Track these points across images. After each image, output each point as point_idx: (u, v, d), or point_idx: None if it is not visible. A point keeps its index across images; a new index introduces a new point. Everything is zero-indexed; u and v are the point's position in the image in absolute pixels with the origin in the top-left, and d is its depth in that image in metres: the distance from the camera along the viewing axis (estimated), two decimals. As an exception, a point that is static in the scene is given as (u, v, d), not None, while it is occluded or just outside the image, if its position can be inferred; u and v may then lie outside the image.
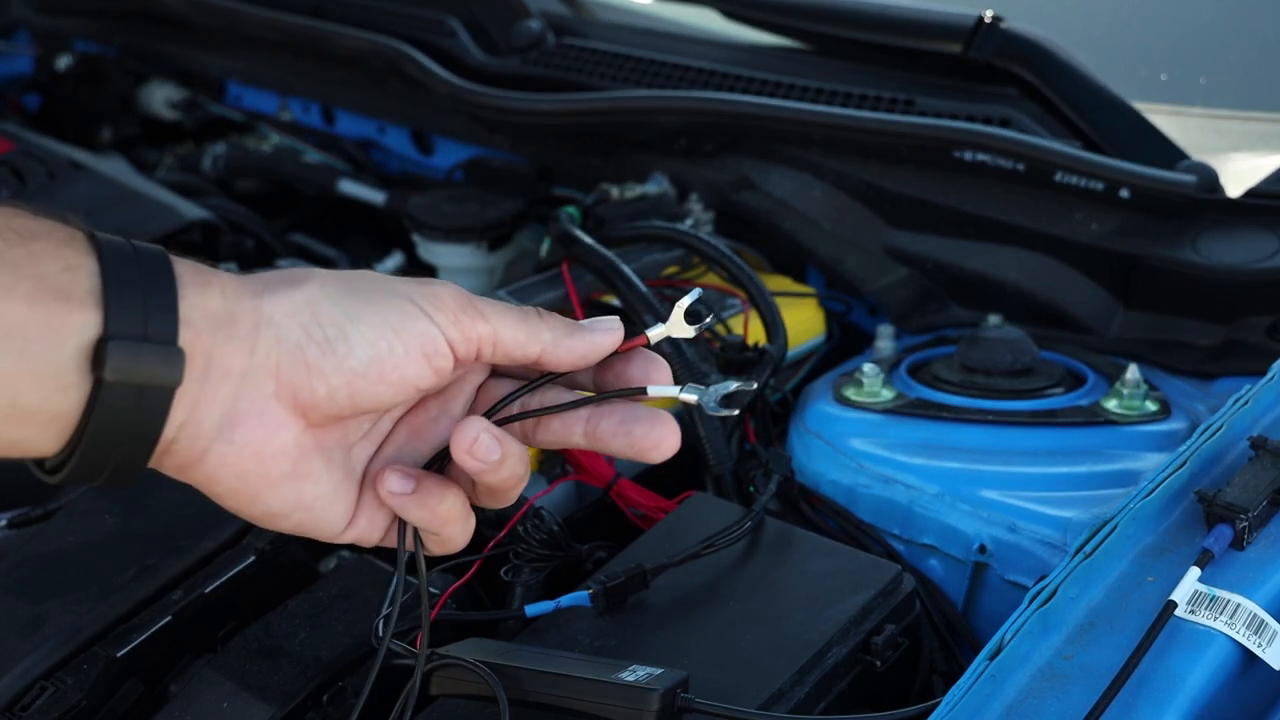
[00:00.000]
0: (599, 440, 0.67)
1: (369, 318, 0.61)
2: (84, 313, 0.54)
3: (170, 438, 0.58)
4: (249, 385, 0.59)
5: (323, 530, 0.65)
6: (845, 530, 1.07)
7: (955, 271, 1.34)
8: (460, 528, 0.66)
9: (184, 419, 0.58)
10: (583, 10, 1.87)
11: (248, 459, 0.60)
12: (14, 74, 2.24)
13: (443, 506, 0.65)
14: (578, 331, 0.66)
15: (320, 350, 0.60)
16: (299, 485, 0.62)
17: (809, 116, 1.39)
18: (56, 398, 0.54)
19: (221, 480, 0.60)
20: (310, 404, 0.60)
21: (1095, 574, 0.79)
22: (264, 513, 0.63)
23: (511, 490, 0.67)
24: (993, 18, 1.39)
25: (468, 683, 0.77)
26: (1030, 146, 1.29)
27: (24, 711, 0.87)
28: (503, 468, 0.64)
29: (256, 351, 0.59)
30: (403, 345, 0.61)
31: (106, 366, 0.54)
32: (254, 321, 0.59)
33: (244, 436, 0.59)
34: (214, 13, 1.98)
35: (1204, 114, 1.60)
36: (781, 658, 0.84)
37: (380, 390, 0.61)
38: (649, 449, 0.66)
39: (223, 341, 0.58)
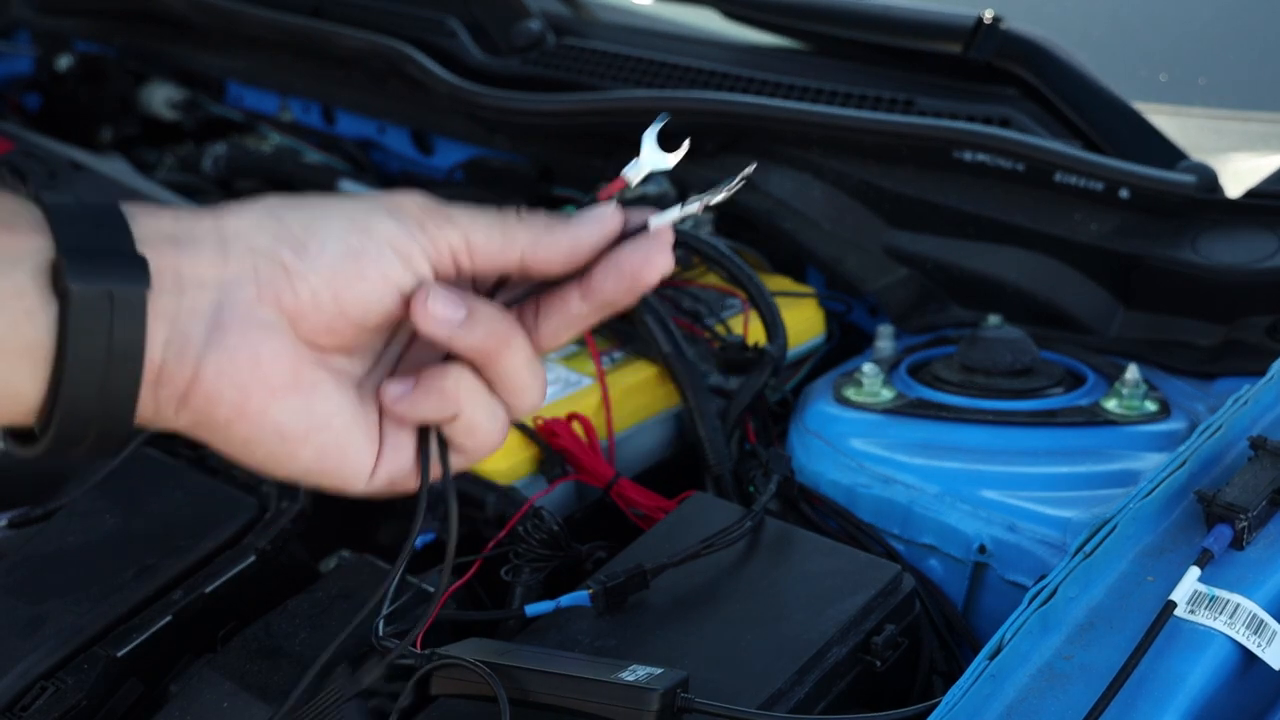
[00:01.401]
0: (595, 293, 0.62)
1: (334, 216, 0.59)
2: (32, 239, 0.53)
3: (158, 361, 0.55)
4: (229, 292, 0.56)
5: (349, 464, 0.60)
6: (845, 530, 1.07)
7: (955, 271, 1.34)
8: (483, 410, 0.61)
9: (167, 336, 0.55)
10: (583, 10, 1.87)
11: (243, 364, 0.56)
12: (14, 74, 2.24)
13: (448, 381, 0.60)
14: (560, 226, 0.61)
15: (294, 251, 0.57)
16: (308, 399, 0.58)
17: (809, 117, 1.39)
18: (24, 324, 0.52)
19: (222, 396, 0.56)
20: (295, 310, 0.57)
21: (1095, 574, 0.79)
22: (276, 433, 0.58)
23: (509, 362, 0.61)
24: (993, 18, 1.39)
25: (468, 683, 0.77)
26: (1030, 146, 1.29)
27: (24, 711, 0.87)
28: (475, 327, 0.60)
29: (229, 261, 0.56)
30: (373, 243, 0.59)
31: (67, 276, 0.52)
32: (218, 236, 0.57)
33: (235, 340, 0.56)
34: (214, 13, 1.98)
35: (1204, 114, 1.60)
36: (781, 658, 0.84)
37: (363, 288, 0.58)
38: (640, 268, 0.61)
39: (189, 256, 0.55)
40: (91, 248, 0.53)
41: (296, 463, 0.60)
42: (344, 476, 0.61)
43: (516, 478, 1.09)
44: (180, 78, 2.11)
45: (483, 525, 1.05)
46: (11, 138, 1.70)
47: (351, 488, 0.62)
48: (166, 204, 0.60)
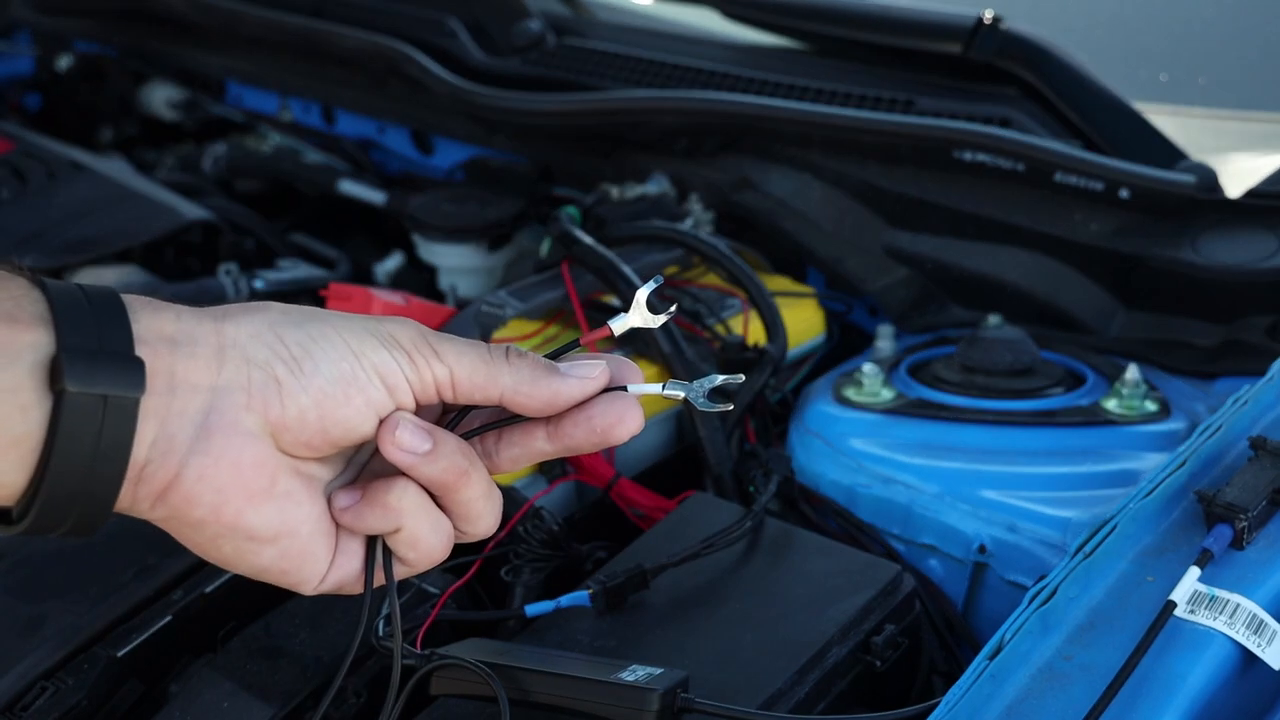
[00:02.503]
0: (562, 438, 0.64)
1: (331, 339, 0.60)
2: (33, 332, 0.53)
3: (141, 460, 0.56)
4: (220, 398, 0.57)
5: (306, 568, 0.62)
6: (845, 530, 1.07)
7: (955, 271, 1.34)
8: (426, 525, 0.63)
9: (154, 436, 0.56)
10: (583, 10, 1.87)
11: (225, 469, 0.58)
12: (14, 74, 2.24)
13: (391, 496, 0.62)
14: (544, 378, 0.63)
15: (288, 369, 0.59)
16: (281, 505, 0.60)
17: (809, 117, 1.39)
18: (15, 418, 0.53)
19: (200, 499, 0.58)
20: (281, 424, 0.59)
21: (1095, 574, 0.79)
22: (246, 535, 0.60)
23: (465, 494, 0.63)
24: (993, 18, 1.39)
25: (468, 683, 0.77)
26: (1030, 146, 1.29)
27: (24, 711, 0.87)
28: (438, 458, 0.62)
29: (224, 370, 0.58)
30: (364, 370, 0.60)
31: (65, 377, 0.52)
32: (217, 343, 0.58)
33: (219, 446, 0.57)
34: (214, 13, 1.98)
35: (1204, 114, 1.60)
36: (781, 658, 0.84)
37: (348, 413, 0.60)
38: (611, 427, 0.64)
39: (185, 359, 0.57)
40: (90, 348, 0.54)
41: (258, 561, 0.61)
42: (299, 579, 0.63)
43: (516, 478, 1.09)
44: (180, 78, 2.11)
45: (483, 525, 1.05)
46: (11, 138, 1.71)
47: (301, 589, 0.63)
48: (168, 302, 0.60)
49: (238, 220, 1.64)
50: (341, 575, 0.64)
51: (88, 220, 1.43)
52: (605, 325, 0.67)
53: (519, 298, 1.21)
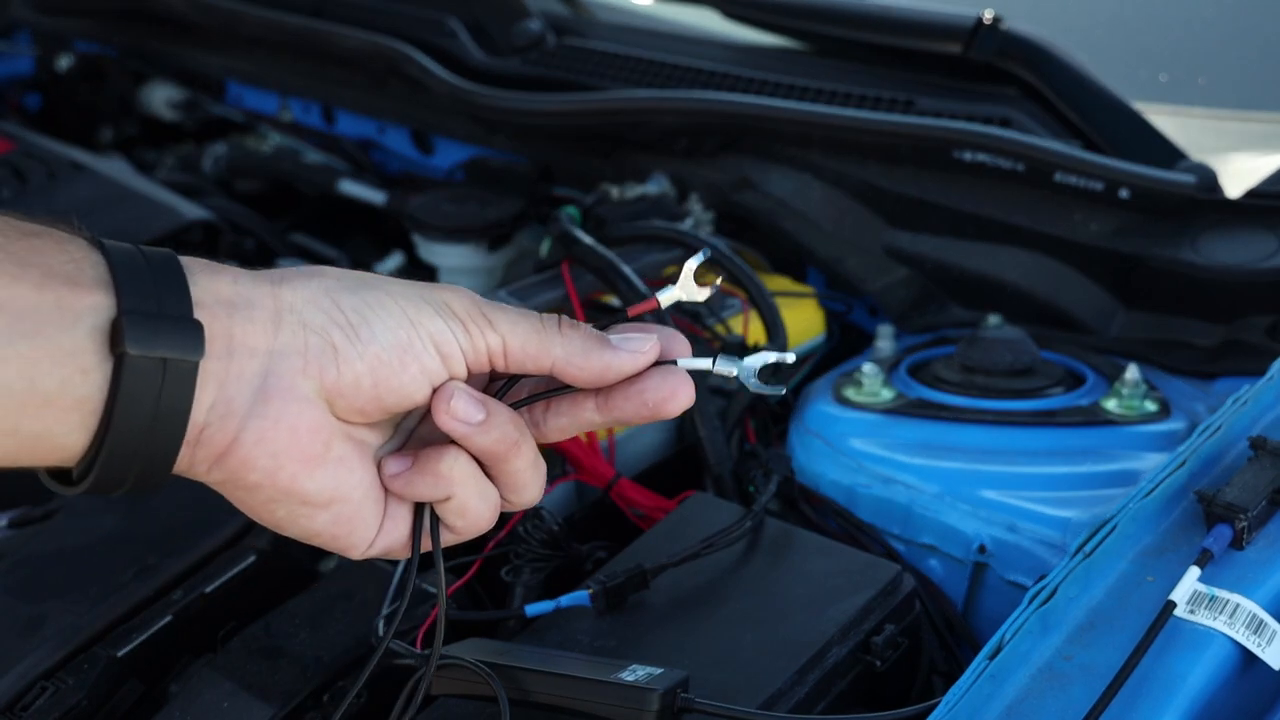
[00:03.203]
0: (611, 409, 0.65)
1: (388, 306, 0.61)
2: (94, 295, 0.54)
3: (200, 423, 0.56)
4: (277, 362, 0.58)
5: (357, 533, 0.63)
6: (845, 530, 1.07)
7: (955, 271, 1.34)
8: (475, 494, 0.64)
9: (213, 400, 0.56)
10: (583, 10, 1.87)
11: (282, 433, 0.58)
12: (14, 74, 2.24)
13: (443, 464, 0.62)
14: (596, 351, 0.64)
15: (345, 335, 0.59)
16: (335, 471, 0.61)
17: (809, 117, 1.39)
18: (77, 380, 0.53)
19: (256, 463, 0.58)
20: (336, 390, 0.59)
21: (1095, 574, 0.79)
22: (301, 500, 0.60)
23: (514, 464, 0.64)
24: (992, 18, 1.39)
25: (468, 683, 0.77)
26: (1030, 146, 1.29)
27: (24, 711, 0.87)
28: (490, 429, 0.62)
29: (281, 333, 0.58)
30: (419, 338, 0.61)
31: (125, 341, 0.53)
32: (274, 307, 0.59)
33: (277, 410, 0.58)
34: (214, 13, 1.98)
35: (1204, 114, 1.60)
36: (781, 658, 0.84)
37: (403, 380, 0.60)
38: (664, 401, 0.64)
39: (242, 322, 0.57)
40: (150, 311, 0.54)
41: (310, 525, 0.62)
42: (349, 543, 0.63)
43: (516, 478, 1.09)
44: (180, 78, 2.11)
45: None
46: (11, 138, 1.70)
47: (350, 553, 0.64)
48: (225, 265, 0.60)
49: (238, 220, 1.64)
50: (389, 540, 0.64)
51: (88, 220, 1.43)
52: (653, 296, 0.67)
53: (519, 298, 1.21)
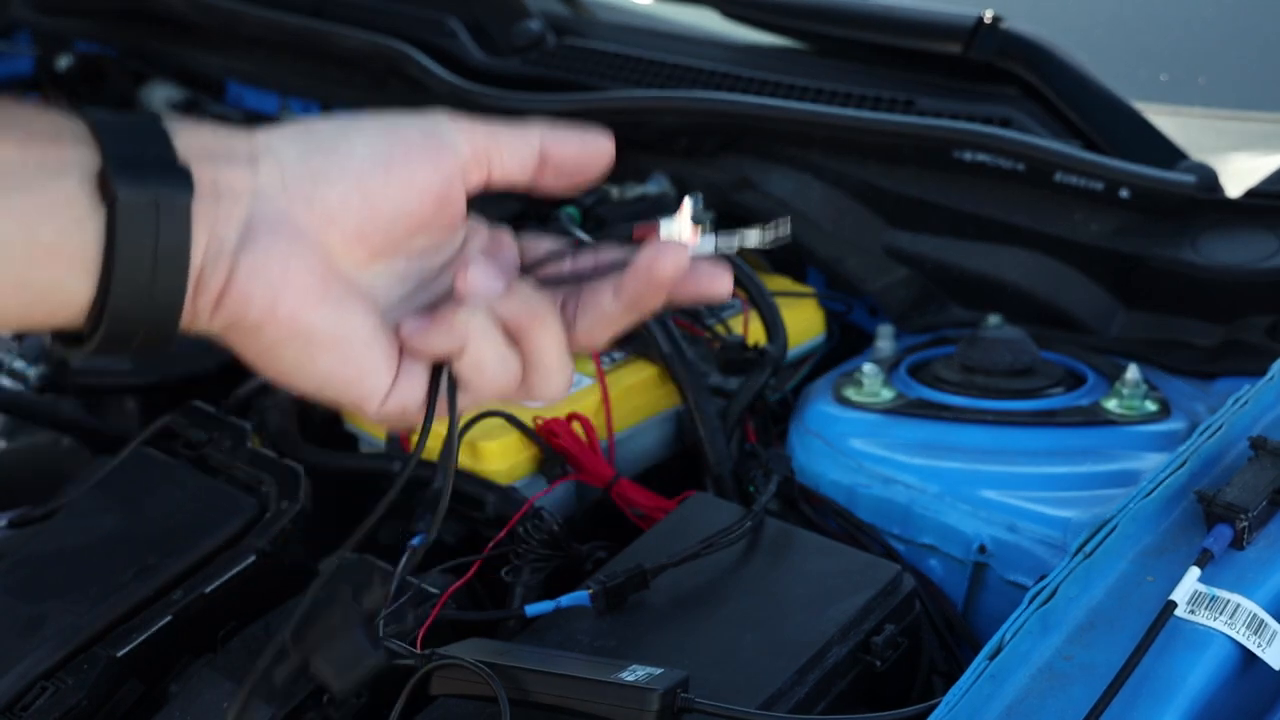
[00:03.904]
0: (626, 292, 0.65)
1: (364, 125, 0.62)
2: (78, 149, 0.55)
3: (198, 266, 0.57)
4: (260, 202, 0.59)
5: (368, 380, 0.63)
6: (845, 530, 1.07)
7: (955, 271, 1.34)
8: (491, 350, 0.64)
9: (206, 241, 0.57)
10: (583, 10, 1.87)
11: (274, 264, 0.59)
12: (14, 74, 2.23)
13: (459, 316, 0.63)
14: (572, 131, 0.66)
15: (323, 155, 0.60)
16: (336, 309, 0.61)
17: (809, 116, 1.39)
18: (73, 231, 0.54)
19: (253, 296, 0.58)
20: (325, 215, 0.60)
21: (1095, 574, 0.79)
22: (305, 338, 0.60)
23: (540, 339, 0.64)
24: (993, 18, 1.39)
25: (468, 683, 0.77)
26: (1030, 146, 1.29)
27: (24, 711, 0.87)
28: (512, 300, 0.64)
29: (260, 173, 0.59)
30: (402, 145, 0.62)
31: (114, 185, 0.54)
32: (249, 150, 0.60)
33: (265, 243, 0.59)
34: (214, 13, 1.98)
35: (1204, 114, 1.60)
36: (781, 658, 0.84)
37: (392, 190, 0.61)
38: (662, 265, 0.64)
39: (224, 167, 0.58)
40: (137, 157, 0.55)
41: (317, 369, 0.62)
42: (360, 393, 0.63)
43: (516, 478, 1.09)
44: (180, 78, 2.10)
45: (483, 525, 1.05)
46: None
47: (365, 407, 0.64)
48: (203, 123, 0.62)
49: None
50: (403, 399, 0.64)
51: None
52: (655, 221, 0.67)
53: (519, 298, 1.21)
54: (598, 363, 1.17)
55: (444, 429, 0.67)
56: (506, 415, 1.09)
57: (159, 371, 1.32)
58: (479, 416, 1.08)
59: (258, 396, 1.24)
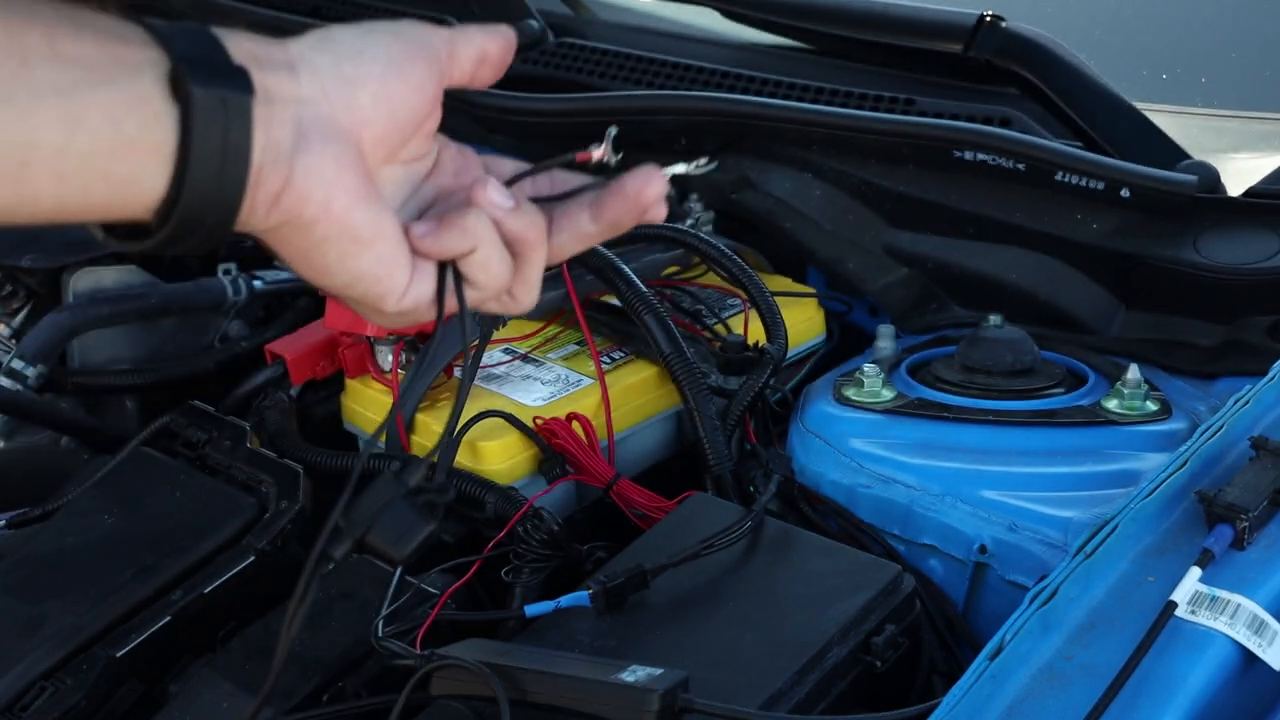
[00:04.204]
0: (604, 214, 0.72)
1: (378, 32, 0.67)
2: (148, 50, 0.58)
3: (257, 164, 0.60)
4: (306, 107, 0.63)
5: (395, 276, 0.67)
6: (845, 530, 1.06)
7: (955, 271, 1.33)
8: (495, 251, 0.69)
9: (263, 142, 0.60)
10: (583, 10, 1.87)
11: (328, 164, 0.63)
12: (14, 74, 2.23)
13: (469, 219, 0.67)
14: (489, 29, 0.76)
15: (352, 63, 0.65)
16: (378, 206, 0.65)
17: (809, 116, 1.39)
18: (153, 125, 0.57)
19: (311, 195, 0.62)
20: (360, 118, 0.64)
21: (1096, 574, 0.79)
22: (353, 235, 0.64)
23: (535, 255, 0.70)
24: (993, 17, 1.39)
25: (468, 683, 0.77)
26: (1031, 146, 1.28)
27: (24, 711, 0.87)
28: (520, 216, 0.69)
29: (300, 81, 0.63)
30: (410, 48, 0.68)
31: (190, 83, 0.57)
32: (286, 59, 0.64)
33: (319, 145, 0.62)
34: (214, 13, 1.97)
35: (1204, 114, 1.60)
36: (781, 658, 0.84)
37: (407, 93, 0.67)
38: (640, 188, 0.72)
39: (270, 74, 0.62)
40: (202, 59, 0.59)
41: (357, 265, 0.66)
42: (385, 289, 0.67)
43: (516, 478, 1.09)
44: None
45: (482, 526, 1.05)
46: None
47: (386, 303, 0.68)
48: (238, 30, 0.66)
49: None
50: (417, 295, 0.68)
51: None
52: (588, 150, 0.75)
53: (519, 297, 1.21)
54: (597, 363, 1.17)
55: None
56: (506, 415, 1.09)
57: (158, 371, 1.32)
58: (479, 416, 1.08)
59: (256, 396, 1.24)
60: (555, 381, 1.17)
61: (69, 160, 0.56)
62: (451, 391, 1.15)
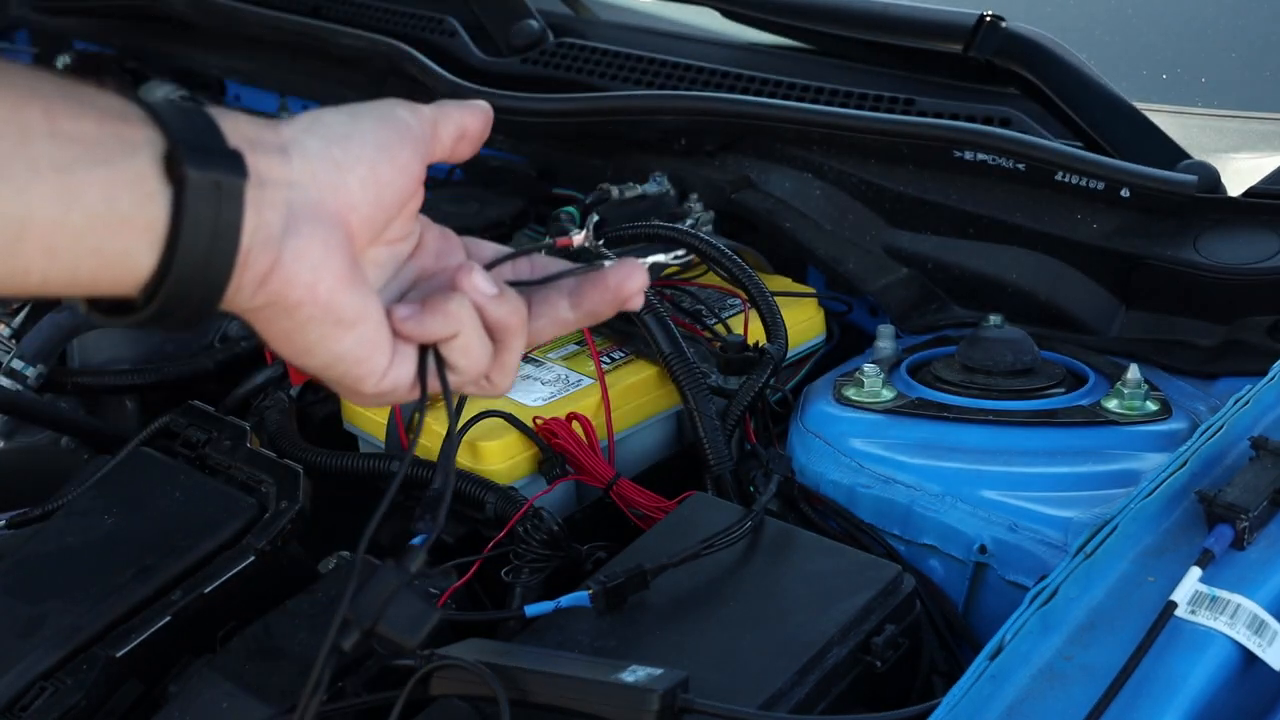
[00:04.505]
0: (583, 303, 0.73)
1: (365, 116, 0.68)
2: (146, 129, 0.59)
3: (246, 246, 0.61)
4: (296, 191, 0.63)
5: (375, 359, 0.68)
6: (845, 530, 1.06)
7: (955, 271, 1.33)
8: (476, 337, 0.70)
9: (254, 224, 0.61)
10: (583, 10, 1.87)
11: (316, 249, 0.63)
12: (13, 74, 2.23)
13: (451, 304, 0.68)
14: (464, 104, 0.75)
15: (341, 147, 0.66)
16: (362, 290, 0.66)
17: (809, 116, 1.39)
18: (146, 204, 0.58)
19: (298, 278, 0.63)
20: (348, 203, 0.65)
21: (1096, 574, 0.79)
22: (335, 318, 0.65)
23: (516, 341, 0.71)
24: (993, 17, 1.39)
25: (468, 683, 0.77)
26: (1031, 146, 1.28)
27: (23, 711, 0.87)
28: (504, 303, 0.70)
29: (292, 164, 0.64)
30: (396, 132, 0.68)
31: (186, 165, 0.58)
32: (279, 142, 0.64)
33: (308, 230, 0.63)
34: (214, 12, 1.98)
35: (1204, 114, 1.60)
36: (781, 658, 0.84)
37: (392, 175, 0.67)
38: (622, 282, 0.72)
39: (263, 156, 0.62)
40: (198, 141, 0.60)
41: (339, 347, 0.66)
42: (366, 371, 0.68)
43: (516, 478, 1.09)
44: (180, 78, 2.10)
45: (482, 526, 1.05)
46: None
47: (365, 385, 0.69)
48: (232, 110, 0.67)
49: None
50: (396, 378, 0.69)
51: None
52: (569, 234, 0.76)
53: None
54: (597, 363, 1.17)
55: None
56: (506, 415, 1.09)
57: (158, 371, 1.32)
58: (479, 416, 1.08)
59: (256, 396, 1.24)
60: (555, 381, 1.17)
61: (62, 235, 0.57)
62: (451, 391, 1.15)
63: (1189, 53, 1.89)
